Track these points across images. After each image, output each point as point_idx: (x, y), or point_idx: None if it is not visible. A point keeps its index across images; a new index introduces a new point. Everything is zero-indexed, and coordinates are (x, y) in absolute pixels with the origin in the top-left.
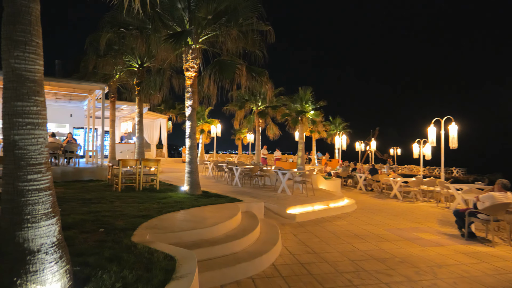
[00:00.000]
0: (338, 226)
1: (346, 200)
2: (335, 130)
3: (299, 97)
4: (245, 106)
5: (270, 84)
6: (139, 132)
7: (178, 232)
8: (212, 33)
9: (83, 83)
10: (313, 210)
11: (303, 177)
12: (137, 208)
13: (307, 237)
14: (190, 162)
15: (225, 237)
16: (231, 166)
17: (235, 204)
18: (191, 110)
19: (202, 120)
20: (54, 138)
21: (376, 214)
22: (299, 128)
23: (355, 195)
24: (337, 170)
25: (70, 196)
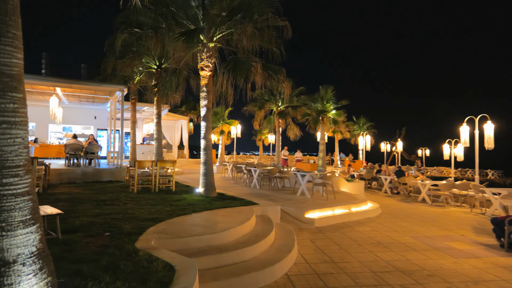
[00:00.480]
0: (360, 232)
1: (369, 204)
2: (359, 131)
3: (320, 96)
4: (264, 107)
5: (288, 82)
6: (157, 133)
7: (185, 237)
8: (227, 31)
9: (103, 85)
10: (333, 214)
11: (323, 179)
12: (148, 211)
13: (326, 244)
14: (205, 163)
15: (235, 243)
16: (250, 167)
17: (249, 208)
18: (206, 110)
19: (222, 121)
20: (75, 139)
21: (402, 219)
22: (320, 128)
23: (380, 198)
24: (361, 172)
25: (86, 197)
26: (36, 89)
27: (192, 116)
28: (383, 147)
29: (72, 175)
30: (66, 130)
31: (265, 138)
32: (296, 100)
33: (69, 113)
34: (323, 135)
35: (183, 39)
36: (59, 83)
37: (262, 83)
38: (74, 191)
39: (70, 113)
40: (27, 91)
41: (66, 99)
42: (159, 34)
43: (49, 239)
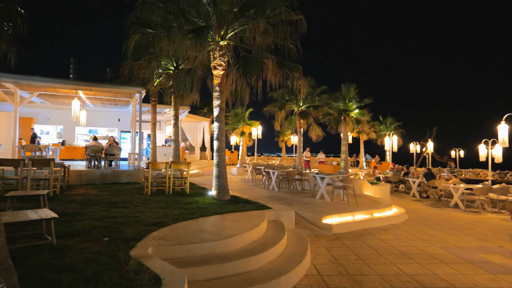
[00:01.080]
0: (382, 241)
1: (394, 209)
2: (385, 131)
3: (342, 95)
4: (285, 107)
5: (304, 80)
6: (174, 135)
7: (186, 244)
8: (239, 28)
9: (121, 87)
10: (353, 220)
11: (344, 182)
12: (156, 214)
13: (343, 253)
14: (217, 165)
15: (241, 251)
16: (268, 169)
17: (261, 212)
18: (219, 110)
19: (242, 122)
20: (95, 141)
21: (430, 226)
22: (342, 128)
23: (407, 203)
24: (387, 174)
25: (99, 199)
26: (60, 92)
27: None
28: (412, 148)
29: (91, 177)
30: (92, 133)
31: (287, 139)
32: (318, 99)
33: (94, 116)
34: (345, 135)
35: (191, 36)
36: (79, 86)
37: (277, 82)
38: (90, 193)
39: (95, 116)
40: (52, 95)
41: (90, 102)
42: (171, 34)
43: (43, 245)
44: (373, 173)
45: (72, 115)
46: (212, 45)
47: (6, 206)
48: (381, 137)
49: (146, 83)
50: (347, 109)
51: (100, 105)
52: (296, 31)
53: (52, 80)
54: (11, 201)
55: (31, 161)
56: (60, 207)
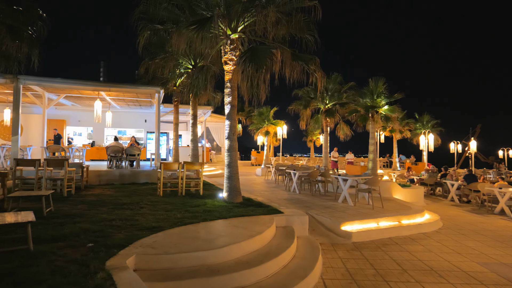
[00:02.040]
0: (408, 253)
1: (426, 215)
2: (422, 129)
3: (369, 90)
4: (310, 105)
5: (321, 73)
6: (193, 135)
7: (174, 254)
8: (251, 20)
9: (139, 87)
10: (377, 227)
11: (369, 184)
12: (156, 217)
13: (360, 266)
14: (228, 165)
15: (235, 263)
16: (289, 170)
17: (270, 218)
18: (230, 107)
19: (267, 122)
20: (116, 142)
21: (469, 237)
22: (370, 126)
23: (443, 208)
24: (421, 175)
25: (109, 200)
26: (84, 94)
27: (240, 118)
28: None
29: (111, 177)
30: (121, 134)
31: (316, 139)
32: (345, 96)
33: (121, 117)
34: (373, 134)
35: (194, 28)
36: (99, 86)
37: (294, 76)
38: (105, 193)
39: (122, 117)
40: (77, 96)
41: (115, 104)
42: (180, 28)
43: (19, 250)
44: (407, 174)
45: (94, 116)
46: (223, 39)
47: (8, 206)
48: (416, 136)
49: (165, 83)
50: (375, 105)
51: (125, 107)
52: (311, 20)
53: (72, 81)
54: (15, 201)
55: (46, 161)
56: (67, 207)
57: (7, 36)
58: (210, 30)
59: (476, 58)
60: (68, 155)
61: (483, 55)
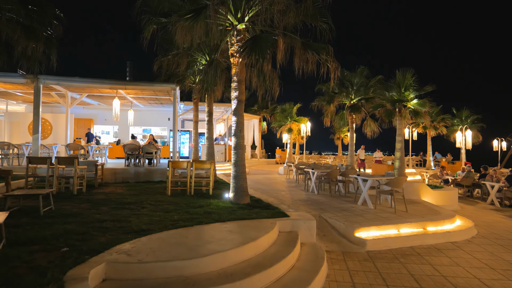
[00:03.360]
0: (431, 267)
1: (457, 222)
2: (460, 125)
3: (396, 83)
4: (334, 100)
5: (335, 63)
6: (208, 133)
7: (149, 262)
8: (257, 8)
9: (154, 84)
10: (397, 234)
11: (391, 186)
12: (151, 219)
13: (369, 282)
14: (235, 164)
15: (217, 275)
16: (308, 169)
17: (273, 222)
18: (237, 103)
19: (290, 119)
20: (133, 140)
21: (508, 248)
22: (397, 122)
23: (481, 213)
24: (457, 176)
25: (116, 199)
26: (104, 93)
27: (265, 115)
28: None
29: (126, 175)
30: (146, 132)
31: (344, 136)
32: (372, 91)
33: (145, 115)
34: (400, 130)
35: (190, 17)
36: (115, 85)
37: (308, 68)
38: (115, 191)
39: (146, 116)
40: (99, 95)
41: (138, 102)
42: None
43: None
44: (440, 174)
45: (113, 114)
46: (229, 29)
47: (5, 205)
48: (453, 133)
49: (181, 80)
50: (403, 99)
51: (148, 105)
52: (324, 6)
53: (90, 80)
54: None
55: (57, 159)
56: (69, 206)
57: (22, 36)
58: (216, 21)
59: None
60: (88, 154)
61: None
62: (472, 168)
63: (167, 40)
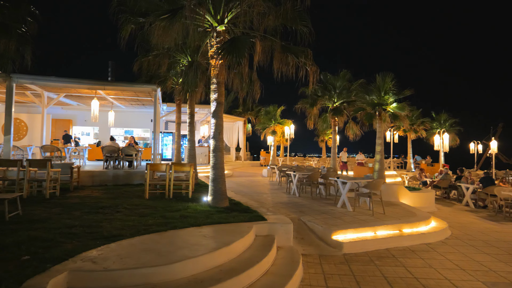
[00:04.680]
0: (404, 268)
1: (432, 223)
2: (439, 128)
3: (376, 87)
4: (317, 103)
5: (314, 67)
6: (189, 135)
7: (116, 270)
8: (238, 10)
9: (134, 85)
10: (374, 236)
11: (369, 188)
12: (124, 224)
13: (344, 285)
14: (214, 167)
15: (187, 282)
16: (290, 171)
17: (249, 226)
18: (216, 105)
19: (273, 121)
20: (112, 141)
21: (479, 249)
22: (377, 125)
23: (456, 214)
24: (435, 178)
25: (90, 203)
26: (83, 93)
27: (250, 117)
28: (473, 147)
29: (104, 178)
30: (128, 133)
31: (328, 138)
32: (354, 94)
33: (127, 117)
34: (380, 133)
35: (166, 17)
36: (93, 85)
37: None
38: (91, 195)
39: (128, 117)
40: (77, 95)
41: (118, 103)
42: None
43: None
44: (419, 176)
45: (92, 115)
46: (209, 31)
47: None
48: (432, 136)
49: (163, 81)
50: (383, 102)
51: (129, 106)
52: (303, 9)
53: (67, 79)
54: None
55: (28, 162)
56: (39, 211)
57: None
58: (194, 22)
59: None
60: (65, 156)
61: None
62: (449, 170)
63: (147, 40)
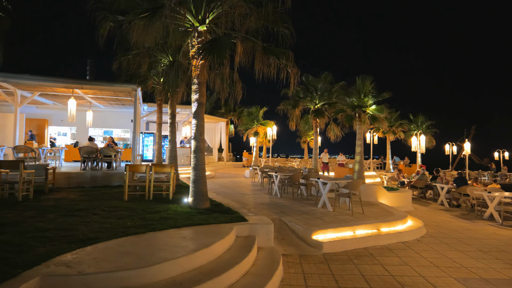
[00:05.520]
0: (381, 267)
1: (409, 222)
2: (416, 130)
3: (356, 89)
4: (299, 105)
5: (295, 69)
6: (171, 135)
7: (91, 274)
8: (219, 10)
9: (114, 85)
10: (353, 236)
11: (349, 189)
12: (101, 227)
13: (323, 284)
14: (195, 168)
15: (165, 285)
16: (271, 172)
17: (230, 227)
18: (197, 105)
19: (256, 122)
20: (90, 142)
21: (452, 246)
22: (357, 127)
23: (432, 213)
24: (412, 178)
25: (66, 205)
26: (59, 92)
27: (232, 118)
28: (448, 149)
29: (81, 179)
30: (107, 134)
31: (310, 140)
32: (335, 96)
33: (107, 117)
34: (360, 135)
35: (145, 16)
36: (70, 84)
37: (271, 72)
38: (67, 197)
39: (108, 117)
40: (53, 94)
41: (97, 103)
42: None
43: None
44: (397, 176)
45: (68, 114)
46: (190, 31)
47: None
48: (410, 137)
49: (143, 80)
50: (362, 105)
51: (109, 106)
52: (285, 11)
53: (42, 78)
54: None
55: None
56: (12, 215)
57: None
58: (174, 22)
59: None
60: (39, 156)
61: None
62: (426, 171)
63: (126, 39)
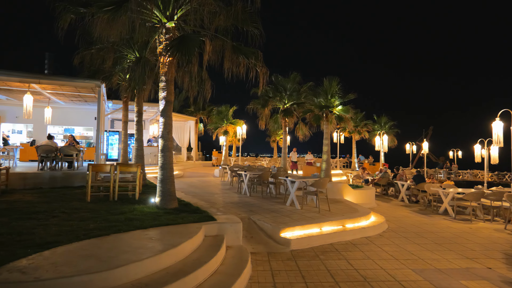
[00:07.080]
0: (346, 261)
1: (372, 218)
2: (380, 130)
3: (323, 90)
4: (268, 104)
5: (264, 68)
6: (137, 134)
7: (49, 280)
8: (188, 7)
9: (76, 80)
10: (319, 233)
11: (316, 187)
12: (61, 230)
13: (290, 280)
14: (162, 167)
15: (130, 287)
16: (240, 171)
17: (198, 226)
18: (165, 103)
19: (226, 121)
20: (49, 140)
21: (411, 240)
22: (324, 126)
23: (393, 209)
24: (375, 176)
25: (21, 208)
26: (13, 86)
27: (202, 117)
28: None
29: (39, 180)
30: (68, 132)
31: (279, 139)
32: (304, 96)
33: (68, 114)
34: (327, 134)
35: (110, 9)
36: (26, 78)
37: (240, 71)
38: (23, 199)
39: (69, 114)
40: (4, 89)
41: (57, 99)
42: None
43: None
44: (362, 174)
45: (24, 111)
46: (158, 26)
47: None
48: (374, 137)
49: (108, 77)
50: (329, 105)
51: (70, 102)
52: (255, 11)
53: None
54: None
55: None
56: None
57: None
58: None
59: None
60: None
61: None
62: (388, 169)
63: (89, 32)
